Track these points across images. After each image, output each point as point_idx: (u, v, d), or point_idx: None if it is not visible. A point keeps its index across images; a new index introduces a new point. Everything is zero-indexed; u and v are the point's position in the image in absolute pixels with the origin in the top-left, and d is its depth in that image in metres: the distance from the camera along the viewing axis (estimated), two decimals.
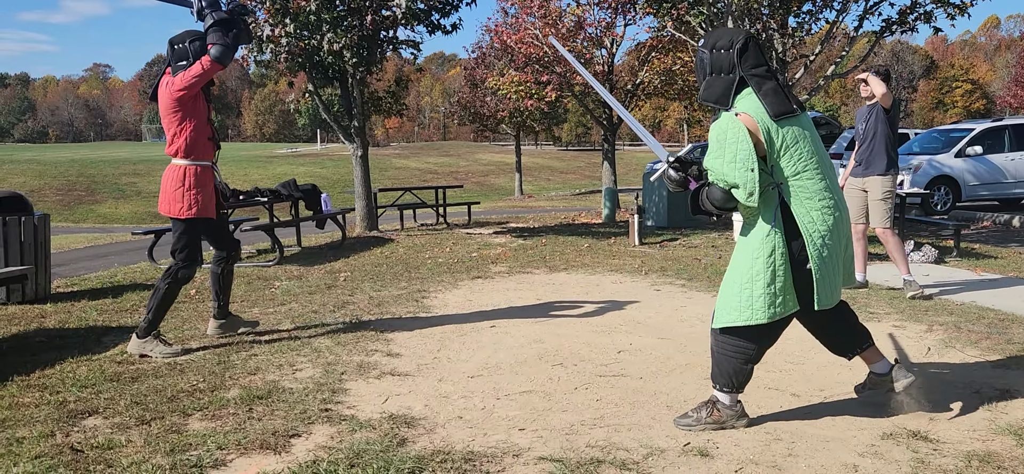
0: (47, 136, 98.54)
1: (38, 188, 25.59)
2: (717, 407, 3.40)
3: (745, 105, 3.25)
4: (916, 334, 5.09)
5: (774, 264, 3.24)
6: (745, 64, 3.31)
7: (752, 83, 3.29)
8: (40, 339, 5.26)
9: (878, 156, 6.54)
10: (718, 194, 3.27)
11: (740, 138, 3.18)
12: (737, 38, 3.35)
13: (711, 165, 3.27)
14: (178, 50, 4.77)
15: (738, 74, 3.31)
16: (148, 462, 3.03)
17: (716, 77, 3.38)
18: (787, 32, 11.35)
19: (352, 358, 4.60)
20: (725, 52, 3.35)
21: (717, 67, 3.37)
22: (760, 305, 3.24)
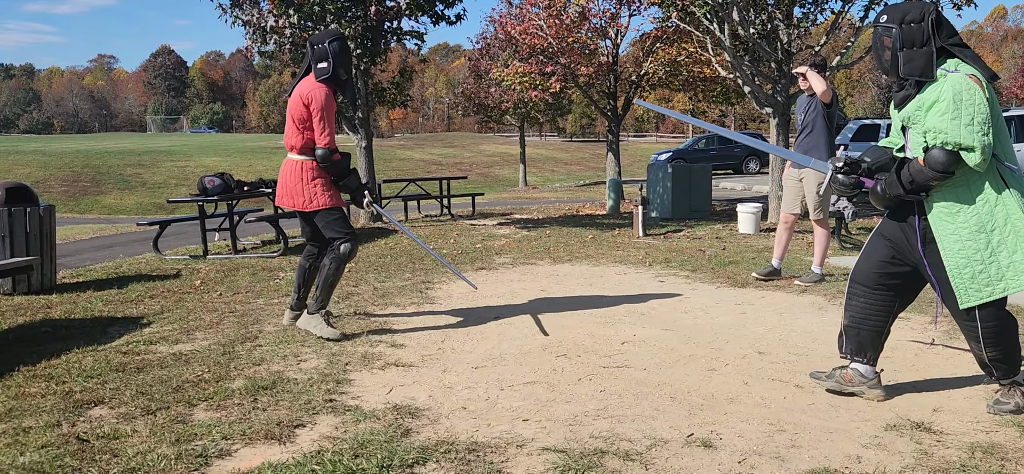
0: (52, 127, 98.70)
1: (43, 179, 25.65)
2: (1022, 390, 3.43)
3: (968, 68, 3.24)
4: (920, 325, 5.08)
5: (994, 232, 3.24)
6: (942, 34, 3.31)
7: (957, 53, 3.30)
8: (46, 329, 5.28)
9: (816, 148, 6.60)
10: (941, 158, 3.19)
11: (978, 100, 3.14)
12: (928, 10, 3.32)
13: (943, 127, 3.16)
14: (318, 51, 4.88)
15: (936, 45, 3.29)
16: (153, 452, 3.05)
17: (912, 50, 3.32)
18: (792, 23, 11.32)
19: (356, 349, 4.61)
20: (917, 24, 3.31)
21: (909, 40, 3.32)
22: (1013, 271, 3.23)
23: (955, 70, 3.24)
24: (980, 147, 3.12)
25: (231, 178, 9.33)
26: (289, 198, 4.96)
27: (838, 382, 3.69)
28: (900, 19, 3.35)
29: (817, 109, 6.60)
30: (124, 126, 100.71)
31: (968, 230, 3.28)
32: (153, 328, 5.24)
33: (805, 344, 4.66)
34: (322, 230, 5.03)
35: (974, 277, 3.29)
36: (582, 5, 15.25)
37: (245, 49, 11.77)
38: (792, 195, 6.88)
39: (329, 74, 4.85)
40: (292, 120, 4.92)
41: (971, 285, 3.31)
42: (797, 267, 7.39)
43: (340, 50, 4.88)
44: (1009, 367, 3.41)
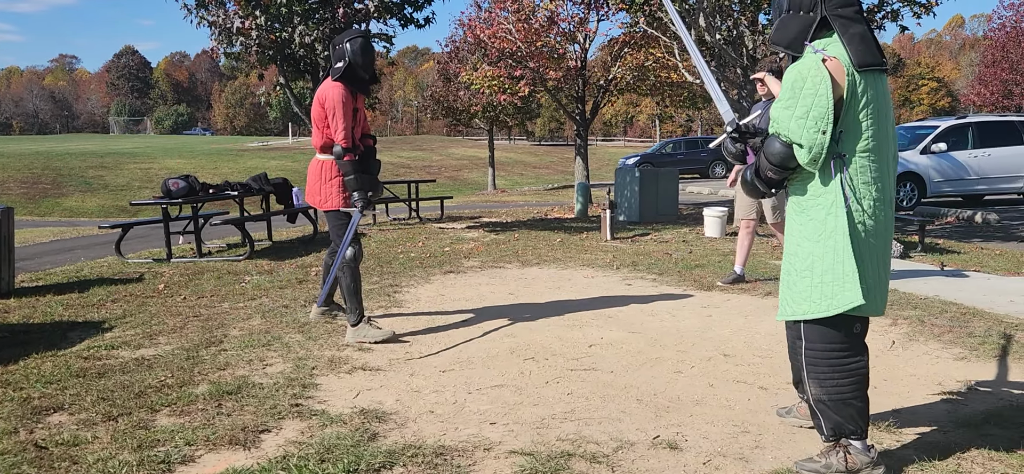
0: (11, 128, 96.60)
1: (2, 181, 25.10)
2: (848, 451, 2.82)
3: (835, 50, 2.71)
4: (881, 328, 5.18)
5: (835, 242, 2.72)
6: (829, 3, 2.78)
7: (837, 24, 2.75)
8: (3, 335, 5.16)
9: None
10: (778, 149, 2.76)
11: (820, 91, 2.64)
12: None
13: (777, 115, 2.76)
14: (336, 51, 4.96)
15: (821, 13, 2.78)
16: (115, 459, 3.00)
17: (793, 15, 2.84)
18: (758, 29, 11.47)
19: (323, 353, 4.58)
20: None
21: (796, 3, 2.84)
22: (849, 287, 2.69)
23: (821, 50, 2.73)
24: (808, 145, 2.67)
25: (196, 180, 9.20)
26: (311, 196, 5.13)
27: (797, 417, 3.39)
28: None
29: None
30: (86, 127, 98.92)
31: (804, 233, 2.84)
32: (115, 332, 5.16)
33: (769, 346, 4.72)
34: (330, 230, 5.14)
35: (796, 287, 2.85)
36: (551, 9, 15.32)
37: (211, 50, 11.62)
38: (745, 200, 6.97)
39: (343, 72, 4.91)
40: (313, 121, 5.03)
41: (789, 295, 2.88)
42: (762, 270, 7.48)
43: (358, 49, 4.90)
44: (842, 422, 2.80)
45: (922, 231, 9.07)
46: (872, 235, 2.76)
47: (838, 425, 2.82)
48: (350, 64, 4.91)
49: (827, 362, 2.80)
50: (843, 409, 2.79)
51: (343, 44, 4.92)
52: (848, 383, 2.79)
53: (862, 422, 2.82)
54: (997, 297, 6.08)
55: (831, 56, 2.69)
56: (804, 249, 2.82)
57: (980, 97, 37.00)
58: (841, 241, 2.71)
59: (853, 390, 2.79)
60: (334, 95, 4.87)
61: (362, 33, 4.99)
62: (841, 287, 2.70)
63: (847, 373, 2.79)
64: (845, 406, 2.79)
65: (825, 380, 2.80)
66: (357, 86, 5.03)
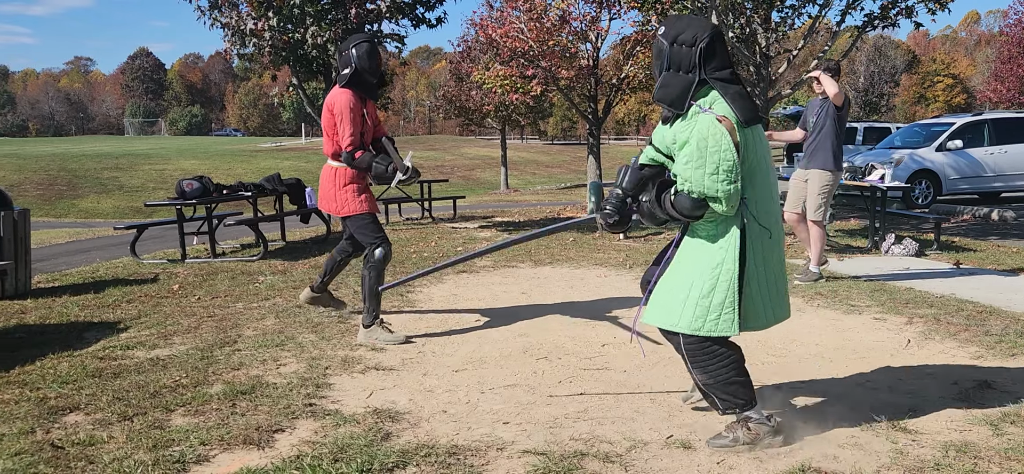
0: (27, 130, 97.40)
1: (18, 182, 25.31)
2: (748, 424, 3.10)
3: (722, 108, 2.95)
4: (896, 326, 5.14)
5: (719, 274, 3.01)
6: (709, 66, 3.00)
7: (718, 87, 3.00)
8: (20, 335, 5.21)
9: (821, 150, 6.74)
10: (686, 204, 2.98)
11: (723, 147, 2.87)
12: (702, 35, 3.00)
13: (688, 175, 2.93)
14: (343, 57, 5.02)
15: (698, 76, 3.00)
16: (130, 458, 3.02)
17: (673, 74, 3.03)
18: (770, 27, 11.41)
19: (336, 353, 4.59)
20: (687, 48, 3.00)
21: (676, 63, 3.03)
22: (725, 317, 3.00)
23: (709, 109, 2.95)
24: (725, 196, 2.90)
25: (210, 181, 9.26)
26: (325, 202, 5.13)
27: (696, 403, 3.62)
28: (673, 37, 3.04)
29: (828, 112, 6.71)
30: (101, 129, 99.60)
31: (701, 260, 3.06)
32: (130, 333, 5.19)
33: (783, 346, 4.69)
34: (355, 235, 5.17)
35: (676, 298, 3.06)
36: (562, 9, 15.29)
37: (224, 52, 11.68)
38: (797, 194, 6.93)
39: (350, 78, 4.96)
40: (324, 129, 5.08)
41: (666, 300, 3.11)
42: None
43: (364, 54, 4.94)
44: (731, 399, 3.11)
45: (938, 229, 9.00)
46: (763, 263, 3.08)
47: (727, 402, 3.13)
48: (357, 70, 4.94)
49: (705, 356, 3.09)
50: (728, 387, 3.11)
51: (349, 50, 4.96)
52: (727, 368, 3.09)
53: (748, 392, 3.13)
54: (1014, 295, 6.03)
55: (722, 115, 2.93)
56: (691, 270, 3.07)
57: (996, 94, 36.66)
58: (726, 276, 3.00)
59: (733, 372, 3.10)
60: (342, 101, 4.92)
61: (367, 37, 5.03)
62: (719, 317, 3.00)
63: (724, 361, 3.09)
64: (729, 385, 3.10)
65: (707, 369, 3.10)
66: (365, 91, 5.06)
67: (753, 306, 3.08)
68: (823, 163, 6.73)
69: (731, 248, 3.01)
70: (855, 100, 55.18)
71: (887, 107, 55.24)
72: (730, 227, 3.02)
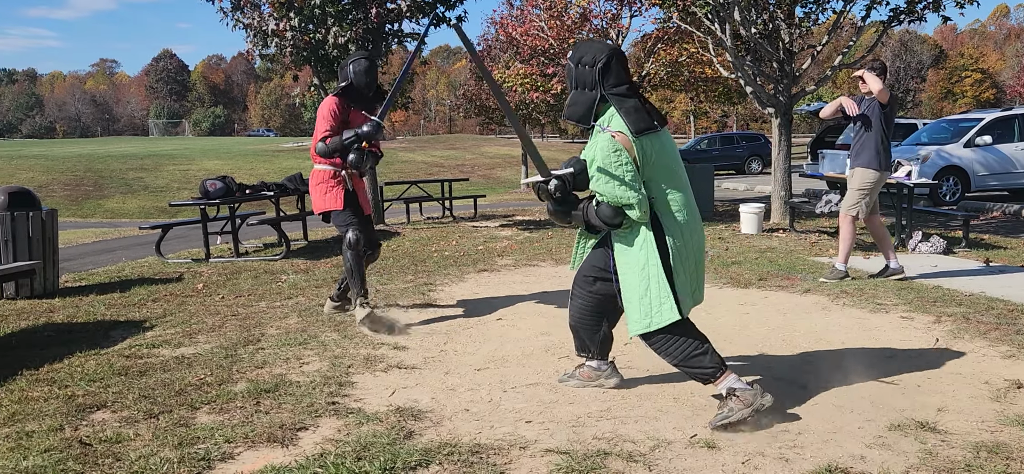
0: (54, 131, 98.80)
1: (46, 183, 25.66)
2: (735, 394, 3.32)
3: (617, 124, 3.27)
4: (924, 325, 5.07)
5: (648, 273, 3.32)
6: (607, 83, 3.31)
7: (613, 102, 3.30)
8: (48, 333, 5.28)
9: (865, 148, 6.65)
10: (608, 213, 3.31)
11: (623, 160, 3.21)
12: (600, 56, 3.32)
13: (603, 190, 3.27)
14: (343, 71, 5.48)
15: (599, 92, 3.32)
16: (156, 455, 3.04)
17: (580, 92, 3.37)
18: (794, 22, 11.30)
19: (359, 351, 4.61)
20: (589, 68, 3.32)
21: (581, 82, 3.36)
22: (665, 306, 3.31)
23: (606, 127, 3.28)
24: (636, 202, 3.22)
25: (233, 181, 9.33)
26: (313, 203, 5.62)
27: (579, 380, 3.87)
28: (578, 59, 3.37)
29: (873, 111, 6.63)
30: (127, 130, 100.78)
31: (628, 261, 3.39)
32: (156, 331, 5.24)
33: (809, 345, 4.65)
34: (335, 226, 5.56)
35: (631, 309, 3.39)
36: (583, 6, 15.26)
37: (246, 52, 11.77)
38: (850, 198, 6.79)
39: (343, 89, 5.38)
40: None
41: (630, 314, 3.41)
42: (800, 267, 7.37)
43: (362, 71, 5.38)
44: (700, 370, 3.39)
45: (966, 226, 8.87)
46: (684, 251, 3.36)
47: (702, 373, 3.40)
48: (351, 84, 5.37)
49: (664, 346, 3.41)
50: (692, 361, 3.39)
51: (348, 66, 5.43)
52: (689, 347, 3.38)
53: (716, 358, 3.39)
54: None
55: (616, 131, 3.25)
56: (631, 276, 3.38)
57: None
58: (653, 273, 3.32)
59: (694, 348, 3.38)
60: (323, 108, 5.35)
61: (367, 55, 5.46)
62: (660, 307, 3.31)
63: (684, 344, 3.38)
64: (692, 358, 3.38)
65: (671, 353, 3.41)
66: (359, 103, 5.44)
67: (684, 291, 3.37)
68: (867, 161, 6.62)
69: (649, 246, 3.33)
70: None
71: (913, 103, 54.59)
72: (641, 231, 3.35)
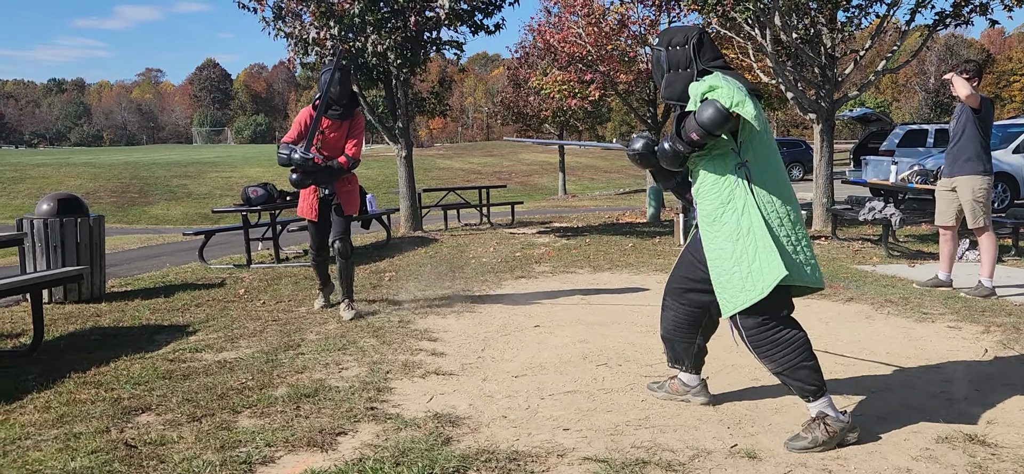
0: (102, 139, 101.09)
1: (93, 190, 26.27)
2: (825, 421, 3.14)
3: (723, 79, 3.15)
4: (972, 335, 4.95)
5: (745, 241, 3.16)
6: (703, 58, 3.32)
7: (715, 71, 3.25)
8: (95, 337, 5.40)
9: (963, 155, 6.38)
10: (711, 112, 3.05)
11: (735, 81, 3.13)
12: (692, 34, 3.36)
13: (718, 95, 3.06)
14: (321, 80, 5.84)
15: (697, 67, 3.31)
16: (199, 458, 3.09)
17: (675, 73, 3.35)
18: (836, 27, 11.14)
19: (397, 357, 4.63)
20: (681, 48, 3.34)
21: (674, 63, 3.36)
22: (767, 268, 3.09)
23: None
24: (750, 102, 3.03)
25: (274, 188, 9.46)
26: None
27: (668, 392, 3.79)
28: (668, 43, 3.39)
29: (967, 116, 6.36)
30: (171, 138, 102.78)
31: (722, 238, 3.23)
32: (199, 336, 5.33)
33: (851, 354, 4.56)
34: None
35: (729, 285, 3.20)
36: (621, 13, 15.21)
37: (287, 61, 11.93)
38: (942, 205, 6.63)
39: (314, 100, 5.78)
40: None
41: (725, 294, 3.23)
42: (843, 275, 7.25)
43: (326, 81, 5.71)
44: (802, 385, 3.18)
45: (1016, 234, 8.65)
46: (779, 223, 3.17)
47: (801, 388, 3.20)
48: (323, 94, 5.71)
49: (768, 341, 3.19)
50: (798, 373, 3.18)
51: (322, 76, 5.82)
52: (793, 351, 3.17)
53: (817, 377, 3.20)
54: None
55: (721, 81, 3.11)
56: (726, 251, 3.21)
57: None
58: (758, 233, 3.13)
59: (799, 356, 3.17)
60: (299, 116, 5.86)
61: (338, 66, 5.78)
62: (765, 270, 3.10)
63: (788, 344, 3.18)
64: (799, 370, 3.17)
65: (773, 356, 3.20)
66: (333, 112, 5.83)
67: (789, 256, 3.15)
68: (970, 168, 6.37)
69: (748, 209, 3.16)
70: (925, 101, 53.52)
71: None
72: (732, 194, 3.20)
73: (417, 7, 11.13)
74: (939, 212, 6.69)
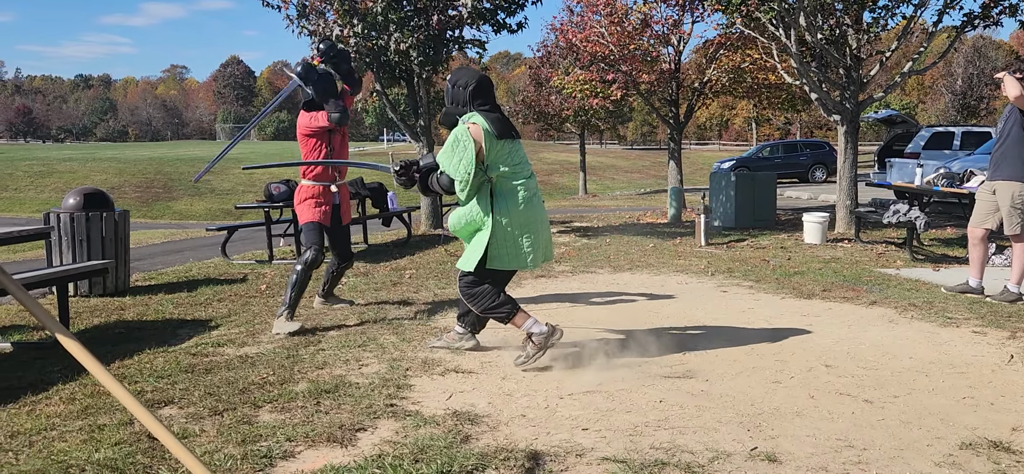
0: (127, 135, 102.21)
1: (118, 185, 26.58)
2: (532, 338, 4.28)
3: (476, 118, 4.19)
4: (998, 340, 4.88)
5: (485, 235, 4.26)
6: (475, 102, 4.27)
7: (481, 114, 4.22)
8: (119, 331, 5.46)
9: (1007, 159, 6.19)
10: (446, 182, 4.29)
11: (468, 148, 4.12)
12: (471, 80, 4.30)
13: (443, 163, 4.24)
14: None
15: (470, 109, 4.27)
16: (221, 452, 3.12)
17: (454, 107, 4.32)
18: (862, 28, 11.02)
19: (417, 354, 4.65)
20: (463, 89, 4.29)
21: (456, 100, 4.32)
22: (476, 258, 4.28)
23: (467, 120, 4.22)
24: (461, 182, 4.18)
25: (296, 185, 9.51)
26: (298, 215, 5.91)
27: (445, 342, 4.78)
28: (455, 81, 4.36)
29: (1015, 118, 6.14)
30: (195, 134, 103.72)
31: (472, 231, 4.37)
32: (221, 331, 5.38)
33: (875, 357, 4.52)
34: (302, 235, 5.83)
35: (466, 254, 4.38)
36: (644, 12, 15.15)
37: (310, 58, 12.01)
38: (982, 208, 6.42)
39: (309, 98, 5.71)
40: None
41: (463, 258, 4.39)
42: (866, 279, 7.18)
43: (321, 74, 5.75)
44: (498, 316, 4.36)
45: None
46: (512, 226, 4.28)
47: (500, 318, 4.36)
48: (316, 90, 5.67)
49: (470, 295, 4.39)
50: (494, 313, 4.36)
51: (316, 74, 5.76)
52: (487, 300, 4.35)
53: (509, 307, 4.34)
54: None
55: (472, 122, 4.20)
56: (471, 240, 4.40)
57: None
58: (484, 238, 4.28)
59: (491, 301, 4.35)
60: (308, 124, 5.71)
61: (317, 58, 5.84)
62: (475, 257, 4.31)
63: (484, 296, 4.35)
64: (493, 311, 4.36)
65: (475, 304, 4.39)
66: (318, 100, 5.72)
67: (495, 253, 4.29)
68: (1012, 173, 6.14)
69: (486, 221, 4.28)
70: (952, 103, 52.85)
71: (987, 110, 52.61)
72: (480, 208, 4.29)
73: (440, 5, 11.15)
74: (976, 215, 6.49)
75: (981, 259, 6.49)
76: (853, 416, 3.54)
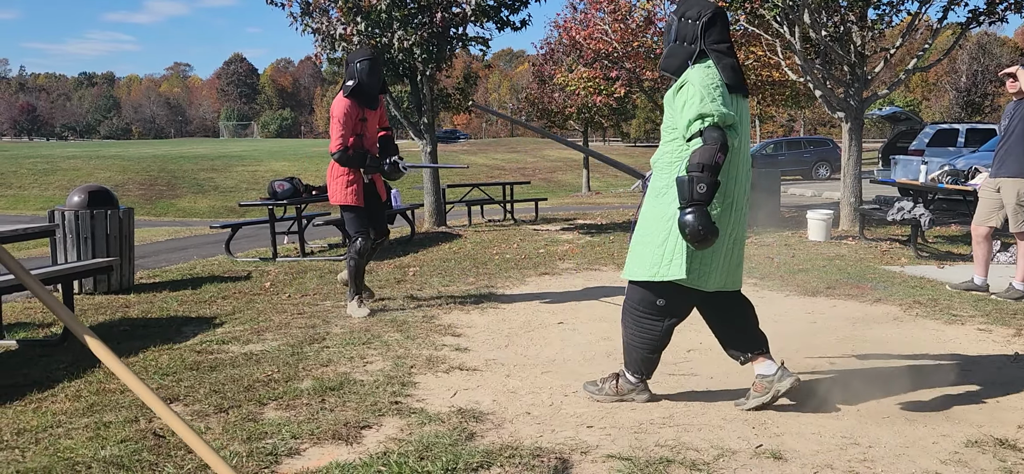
0: (131, 133, 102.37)
1: (122, 183, 26.62)
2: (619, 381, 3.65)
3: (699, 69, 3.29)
4: (1003, 338, 4.87)
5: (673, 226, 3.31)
6: (708, 38, 3.35)
7: (713, 56, 3.33)
8: (124, 328, 5.47)
9: (1011, 155, 6.13)
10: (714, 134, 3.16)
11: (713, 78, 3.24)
12: (705, 10, 3.37)
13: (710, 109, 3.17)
14: (349, 69, 5.70)
15: (699, 46, 3.35)
16: (226, 449, 3.12)
17: (678, 45, 3.41)
18: (866, 25, 11.00)
19: (421, 352, 4.65)
20: (692, 22, 3.37)
21: (681, 35, 3.40)
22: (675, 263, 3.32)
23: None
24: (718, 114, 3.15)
25: (300, 182, 9.53)
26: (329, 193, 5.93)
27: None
28: (682, 13, 3.42)
29: (1020, 115, 6.07)
30: (198, 132, 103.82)
31: (660, 214, 3.39)
32: (225, 328, 5.39)
33: (879, 355, 4.51)
34: (344, 223, 5.91)
35: (638, 254, 3.45)
36: (648, 9, 15.14)
37: (314, 56, 12.01)
38: (986, 205, 6.38)
39: (352, 89, 5.59)
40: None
41: (632, 258, 3.49)
42: (871, 276, 7.17)
43: (366, 69, 5.63)
44: (627, 357, 3.61)
45: None
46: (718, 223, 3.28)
47: (633, 367, 3.63)
48: (359, 82, 5.59)
49: (641, 316, 3.52)
50: (632, 353, 3.60)
51: (354, 63, 5.64)
52: (644, 337, 3.54)
53: (644, 368, 3.61)
54: None
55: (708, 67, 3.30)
56: (651, 226, 3.42)
57: None
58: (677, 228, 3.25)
59: (645, 348, 3.55)
60: (337, 110, 5.59)
61: (370, 55, 5.71)
62: (670, 262, 3.34)
63: (647, 333, 3.53)
64: (634, 350, 3.59)
65: (629, 327, 3.57)
66: (366, 101, 5.68)
67: (704, 262, 3.36)
68: (1016, 170, 6.08)
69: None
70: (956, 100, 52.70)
71: (992, 108, 52.43)
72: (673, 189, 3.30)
73: (444, 3, 11.15)
74: (980, 213, 6.46)
75: (985, 256, 6.47)
76: (858, 413, 3.53)
